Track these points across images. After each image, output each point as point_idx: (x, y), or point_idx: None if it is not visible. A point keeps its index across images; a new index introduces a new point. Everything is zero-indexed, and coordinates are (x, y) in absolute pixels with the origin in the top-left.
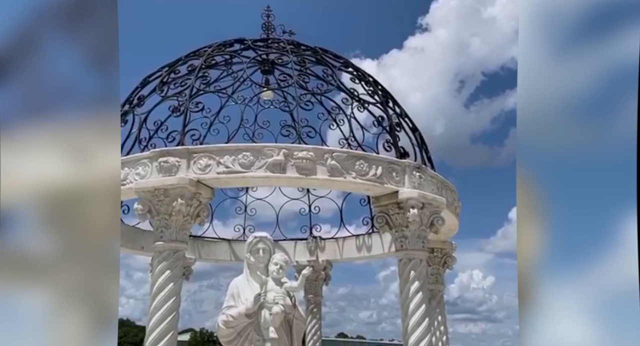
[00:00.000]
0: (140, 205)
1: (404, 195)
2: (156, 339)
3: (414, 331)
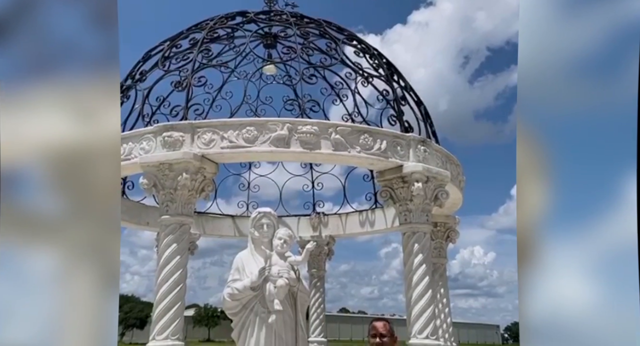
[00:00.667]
0: (146, 179)
1: (408, 169)
2: (164, 310)
3: (417, 303)
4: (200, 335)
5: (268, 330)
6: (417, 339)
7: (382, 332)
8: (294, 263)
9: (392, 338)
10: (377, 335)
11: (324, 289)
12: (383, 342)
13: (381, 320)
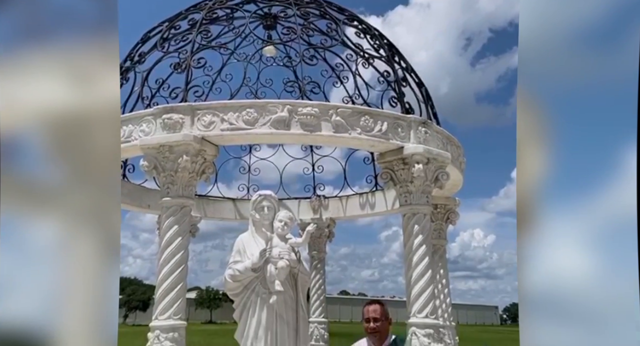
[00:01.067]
0: (146, 161)
1: (409, 151)
2: (166, 290)
3: (417, 283)
4: (202, 317)
5: (269, 310)
6: (417, 318)
7: (375, 316)
8: (295, 245)
9: (387, 320)
10: (370, 320)
11: (325, 271)
12: (376, 327)
13: (374, 303)
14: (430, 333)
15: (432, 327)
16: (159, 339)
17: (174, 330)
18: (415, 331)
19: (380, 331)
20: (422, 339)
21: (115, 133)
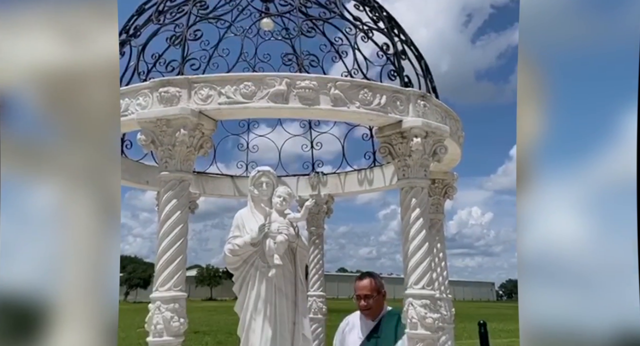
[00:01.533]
0: (143, 135)
1: (407, 124)
2: (166, 263)
3: (414, 255)
4: (202, 295)
5: (268, 284)
6: (413, 289)
7: (366, 293)
8: (293, 220)
9: (380, 294)
10: (362, 297)
11: (323, 245)
12: (368, 304)
13: (365, 277)
14: (427, 303)
15: (429, 298)
16: (159, 310)
17: (175, 301)
18: (411, 302)
19: (373, 308)
20: (419, 309)
21: (113, 91)
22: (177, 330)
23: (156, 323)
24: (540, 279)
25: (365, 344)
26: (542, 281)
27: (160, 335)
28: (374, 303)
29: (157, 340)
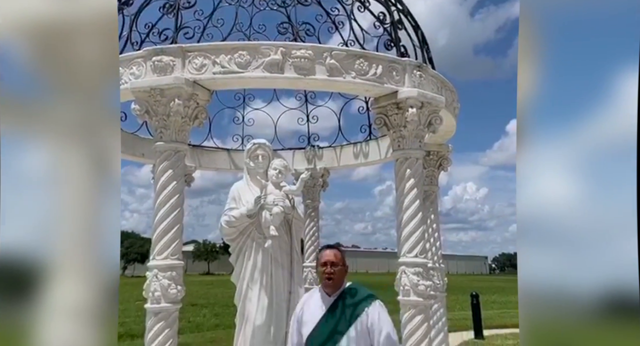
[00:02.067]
0: (137, 105)
1: (403, 95)
2: (163, 232)
3: (408, 224)
4: (200, 269)
5: (264, 254)
6: (407, 258)
7: (334, 261)
8: (289, 192)
9: (344, 267)
10: (328, 264)
11: (319, 218)
12: (334, 272)
13: (332, 247)
14: (420, 271)
15: (421, 266)
16: (157, 278)
17: (172, 269)
18: (404, 270)
19: (336, 278)
20: (412, 277)
21: (111, 44)
22: (175, 297)
23: (154, 291)
24: (536, 238)
25: (325, 318)
26: (538, 240)
27: (158, 301)
28: (339, 274)
29: (154, 306)
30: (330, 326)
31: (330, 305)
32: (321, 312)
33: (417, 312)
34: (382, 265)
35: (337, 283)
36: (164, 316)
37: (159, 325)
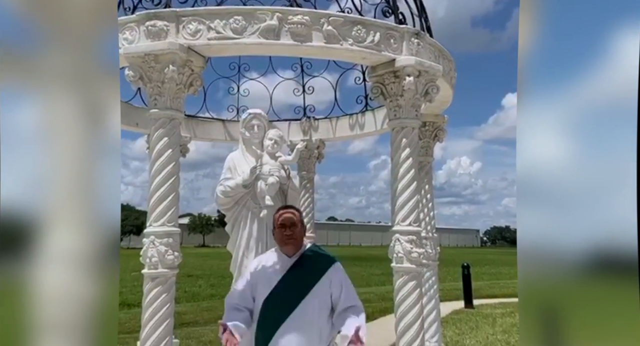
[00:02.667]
0: (131, 71)
1: (400, 63)
2: (159, 199)
3: (402, 193)
4: (195, 241)
5: (260, 223)
6: (400, 226)
7: (292, 221)
8: (285, 162)
9: (303, 227)
10: (286, 226)
11: (313, 191)
12: (293, 233)
13: (290, 208)
14: (413, 239)
15: (415, 234)
16: (154, 244)
17: (169, 235)
18: (398, 238)
19: (297, 239)
20: (405, 245)
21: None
22: (172, 263)
23: (151, 256)
24: (534, 196)
25: (285, 278)
26: (536, 199)
27: (155, 267)
28: (298, 234)
29: (152, 271)
30: (290, 288)
31: (290, 267)
32: (280, 274)
33: (409, 278)
34: (376, 238)
35: (298, 244)
36: (161, 281)
37: (156, 289)
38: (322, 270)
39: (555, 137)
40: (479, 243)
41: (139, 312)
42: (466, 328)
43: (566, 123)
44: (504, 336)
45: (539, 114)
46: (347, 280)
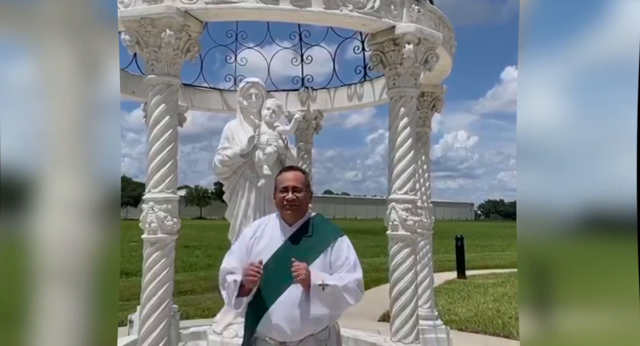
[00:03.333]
0: (128, 35)
1: (400, 30)
2: (157, 166)
3: (399, 163)
4: (192, 214)
5: (257, 193)
6: (397, 194)
7: (297, 185)
8: (283, 132)
9: (308, 192)
10: (289, 189)
11: (311, 161)
12: (297, 198)
13: (294, 169)
14: (409, 207)
15: (411, 202)
16: (153, 210)
17: (168, 202)
18: (394, 206)
19: (299, 205)
20: (401, 213)
21: None
22: (171, 229)
23: (150, 222)
24: (532, 156)
25: (290, 247)
26: (534, 159)
27: (154, 232)
28: (303, 200)
29: (151, 236)
30: (289, 259)
31: (291, 236)
32: (278, 242)
33: (404, 245)
34: (371, 212)
35: (302, 210)
36: (160, 246)
37: (156, 254)
38: (327, 243)
39: (556, 96)
40: (473, 216)
41: (137, 280)
42: (458, 297)
43: (567, 82)
44: (495, 305)
45: (539, 73)
46: (353, 255)
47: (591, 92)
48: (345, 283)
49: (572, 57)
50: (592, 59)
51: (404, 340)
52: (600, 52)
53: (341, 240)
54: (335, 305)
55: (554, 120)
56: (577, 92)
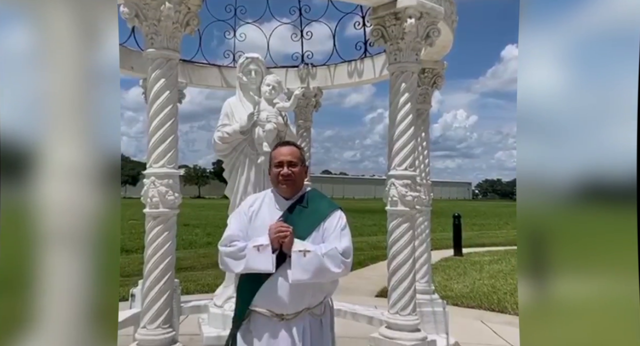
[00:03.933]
0: (126, 8)
1: (402, 4)
2: (158, 141)
3: (399, 139)
4: (191, 193)
5: (257, 170)
6: (397, 171)
7: (292, 160)
8: (282, 109)
9: (303, 167)
10: (284, 163)
11: (311, 138)
12: (293, 173)
13: (289, 144)
14: (408, 183)
15: (410, 178)
16: (154, 184)
17: (169, 177)
18: (393, 182)
19: (294, 180)
20: (400, 189)
21: None
22: (172, 203)
23: (152, 196)
24: (532, 126)
25: (286, 216)
26: (534, 129)
27: (156, 206)
28: (298, 175)
29: (153, 211)
30: None
31: (287, 209)
32: (276, 215)
33: (403, 220)
34: (369, 191)
35: (297, 185)
36: (162, 220)
37: (158, 228)
38: (322, 216)
39: (556, 65)
40: (470, 196)
41: (137, 257)
42: (454, 274)
43: (567, 51)
44: (490, 281)
45: (540, 42)
46: (341, 225)
47: (591, 61)
48: (327, 251)
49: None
50: (593, 27)
51: (402, 312)
52: (600, 20)
53: (335, 212)
54: (317, 272)
55: (554, 89)
56: (578, 61)
